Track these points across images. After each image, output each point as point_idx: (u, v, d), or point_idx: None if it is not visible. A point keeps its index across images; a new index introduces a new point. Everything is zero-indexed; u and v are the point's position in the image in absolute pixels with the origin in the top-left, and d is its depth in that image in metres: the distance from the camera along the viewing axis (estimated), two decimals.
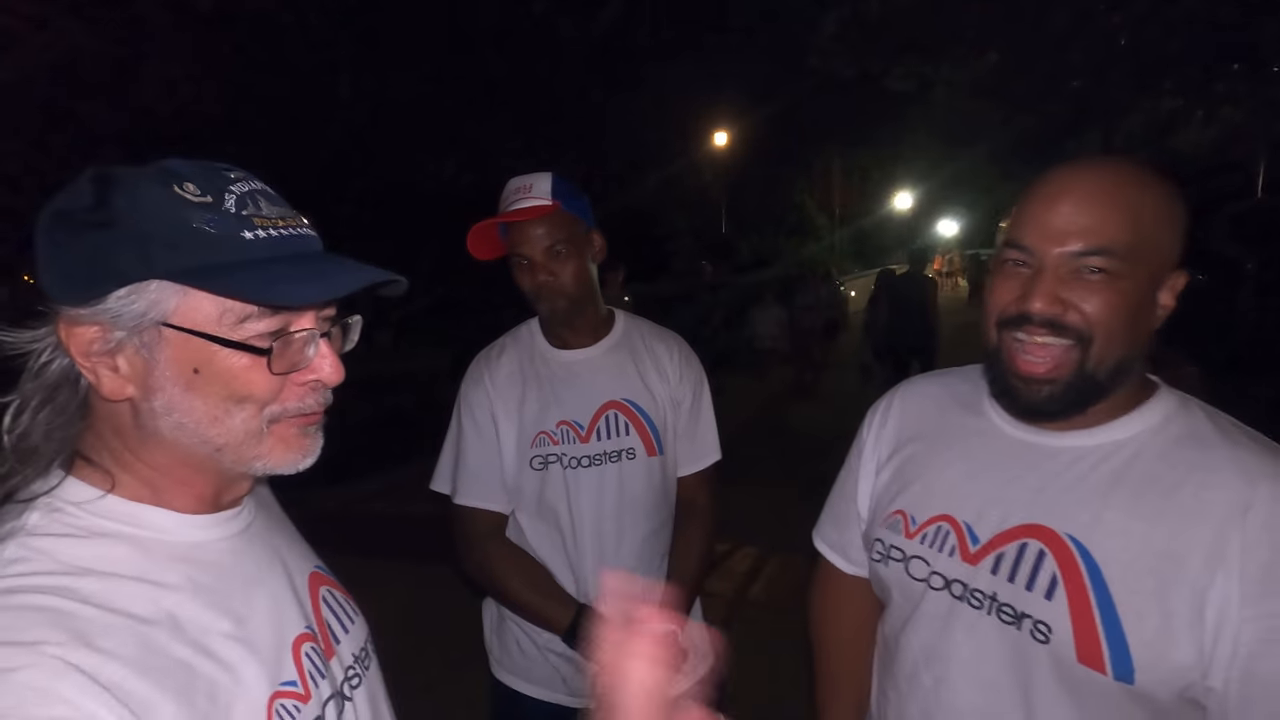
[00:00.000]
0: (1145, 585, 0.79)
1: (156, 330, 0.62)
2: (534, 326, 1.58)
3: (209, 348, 0.62)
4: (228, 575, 0.69)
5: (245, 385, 0.64)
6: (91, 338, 0.61)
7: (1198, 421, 0.86)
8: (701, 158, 16.77)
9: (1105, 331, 0.81)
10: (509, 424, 1.48)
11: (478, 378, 1.52)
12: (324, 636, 0.76)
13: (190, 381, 0.63)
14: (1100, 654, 0.79)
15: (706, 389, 1.63)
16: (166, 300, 0.61)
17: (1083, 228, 0.81)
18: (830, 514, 1.19)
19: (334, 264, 0.66)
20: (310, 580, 0.80)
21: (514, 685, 1.53)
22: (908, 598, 0.98)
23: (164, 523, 0.66)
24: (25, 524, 0.60)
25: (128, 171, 0.62)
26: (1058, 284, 0.82)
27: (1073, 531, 0.84)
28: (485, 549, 1.47)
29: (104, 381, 0.62)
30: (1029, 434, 0.92)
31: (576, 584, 1.47)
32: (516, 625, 1.51)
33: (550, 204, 1.41)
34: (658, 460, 1.51)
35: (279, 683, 0.67)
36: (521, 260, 1.45)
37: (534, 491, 1.47)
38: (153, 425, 0.64)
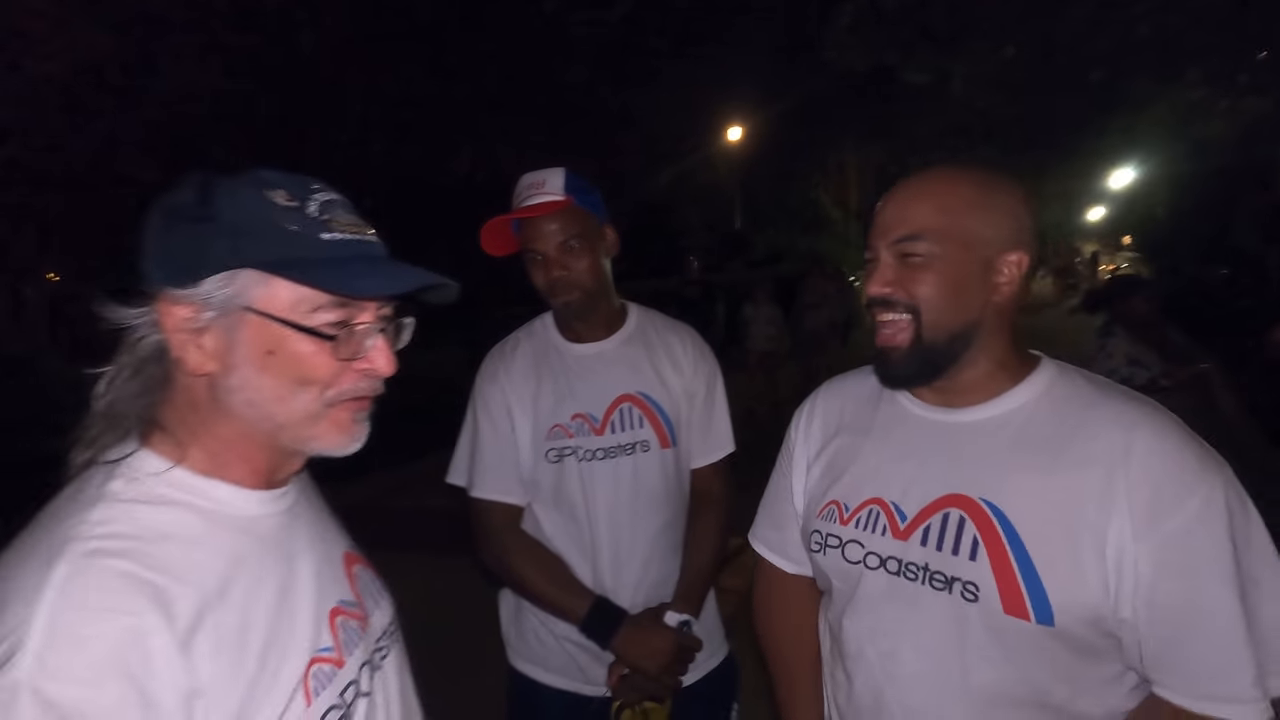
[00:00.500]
0: (1053, 534, 0.88)
1: (240, 314, 0.70)
2: (548, 321, 1.59)
3: (283, 332, 0.70)
4: (277, 548, 0.76)
5: (310, 369, 0.72)
6: (184, 316, 0.70)
7: (1078, 384, 0.97)
8: (716, 153, 16.71)
9: (929, 305, 0.94)
10: (524, 418, 1.49)
11: (492, 373, 1.53)
12: (362, 607, 0.84)
13: (263, 362, 0.71)
14: (1023, 603, 0.88)
15: (720, 381, 1.63)
16: (251, 287, 0.70)
17: (898, 220, 0.97)
18: (767, 516, 1.24)
19: (397, 266, 0.75)
20: (345, 558, 0.87)
21: (531, 674, 1.55)
22: (847, 581, 1.04)
23: (226, 495, 0.73)
24: (111, 489, 0.68)
25: (227, 178, 0.71)
26: (889, 270, 0.97)
27: (985, 495, 0.93)
28: (502, 541, 1.49)
29: (190, 356, 0.70)
30: (937, 414, 1.02)
31: (593, 575, 1.49)
32: (534, 615, 1.53)
33: (563, 199, 1.42)
34: (671, 452, 1.52)
35: (317, 649, 0.74)
36: (535, 256, 1.45)
37: (550, 484, 1.48)
38: (226, 400, 0.72)
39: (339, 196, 0.75)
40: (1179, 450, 0.87)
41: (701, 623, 1.51)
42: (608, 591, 1.48)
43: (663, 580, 1.52)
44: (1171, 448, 0.87)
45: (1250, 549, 0.84)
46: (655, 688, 1.43)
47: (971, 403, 0.99)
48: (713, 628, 1.58)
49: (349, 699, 0.75)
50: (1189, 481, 0.85)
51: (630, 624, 1.43)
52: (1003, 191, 0.97)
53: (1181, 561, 0.83)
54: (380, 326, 0.76)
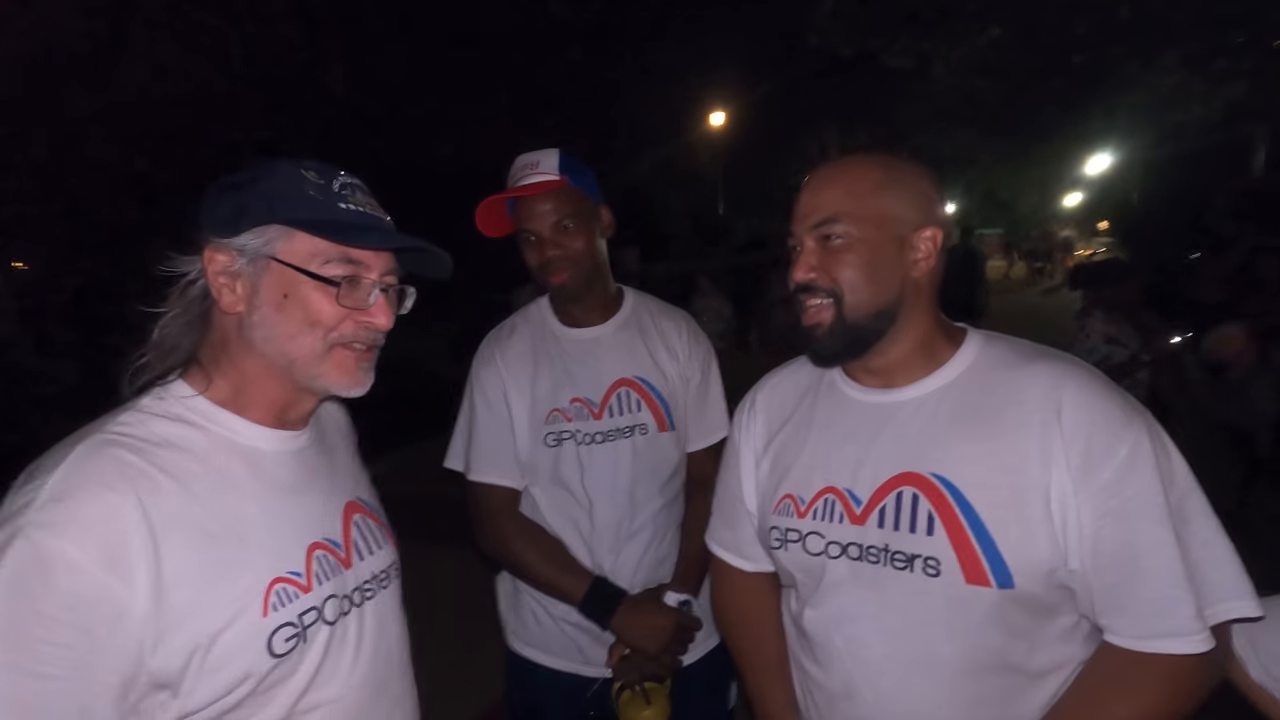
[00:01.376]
0: (1001, 498, 0.90)
1: (266, 261, 0.83)
2: (544, 305, 1.56)
3: (297, 278, 0.83)
4: (272, 479, 0.86)
5: (316, 311, 0.84)
6: (225, 261, 0.83)
7: (1003, 350, 1.00)
8: (698, 138, 16.64)
9: (851, 286, 0.97)
10: (521, 402, 1.47)
11: (489, 357, 1.51)
12: (346, 549, 0.92)
13: (280, 304, 0.83)
14: (983, 570, 0.90)
15: (715, 365, 1.62)
16: (277, 240, 0.83)
17: (814, 205, 1.00)
18: (720, 516, 1.23)
19: (398, 234, 0.89)
20: (347, 505, 0.95)
21: (530, 656, 1.53)
22: (809, 573, 1.04)
23: (237, 426, 0.86)
24: (142, 403, 0.83)
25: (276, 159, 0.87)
26: (812, 256, 0.99)
27: (934, 469, 0.95)
28: (500, 524, 1.47)
29: (224, 296, 0.83)
30: (876, 395, 1.03)
31: (591, 556, 1.47)
32: (532, 597, 1.51)
33: (558, 179, 1.40)
34: (669, 435, 1.51)
35: (285, 571, 0.82)
36: (529, 236, 1.43)
37: (548, 468, 1.46)
38: (249, 336, 0.84)
39: (359, 182, 0.90)
40: (1104, 402, 0.91)
41: (700, 602, 1.50)
42: (607, 572, 1.46)
43: (661, 561, 1.51)
44: (1097, 401, 0.91)
45: (1175, 486, 0.88)
46: (655, 667, 1.42)
47: (907, 381, 1.01)
48: (711, 608, 1.57)
49: (307, 622, 0.83)
50: (1116, 430, 0.88)
51: (630, 604, 1.41)
52: (909, 173, 1.01)
53: (1119, 507, 0.86)
54: (383, 285, 0.88)
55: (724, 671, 1.59)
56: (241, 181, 0.84)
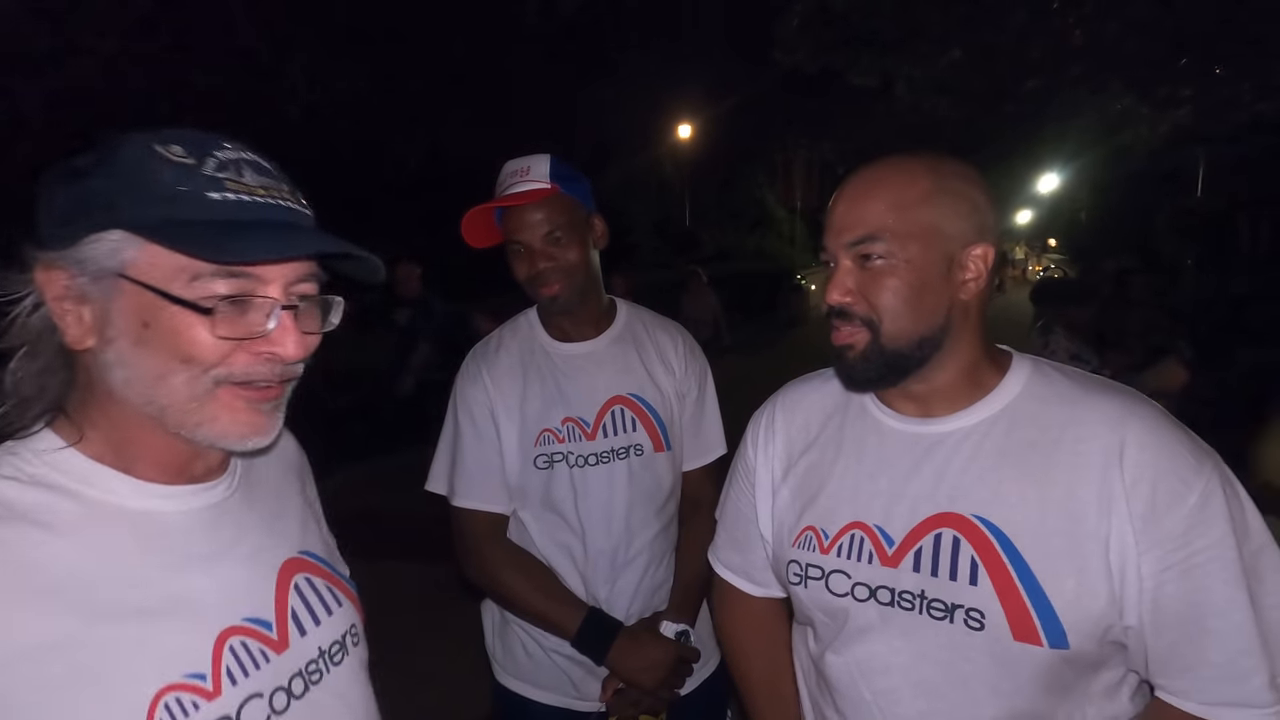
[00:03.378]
0: (1056, 547, 0.81)
1: (114, 280, 0.62)
2: (533, 318, 1.48)
3: (158, 303, 0.62)
4: (172, 552, 0.67)
5: (189, 344, 0.63)
6: (61, 282, 0.63)
7: (1056, 379, 0.90)
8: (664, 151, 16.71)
9: (891, 314, 0.86)
10: (510, 422, 1.39)
11: (475, 374, 1.43)
12: (281, 625, 0.73)
13: (140, 336, 0.63)
14: (1034, 627, 0.81)
15: (710, 381, 1.57)
16: (125, 251, 0.62)
17: (853, 219, 0.88)
18: (728, 537, 1.15)
19: (304, 234, 0.66)
20: (284, 566, 0.77)
21: (520, 690, 1.46)
22: (832, 615, 0.95)
23: (116, 485, 0.66)
24: None
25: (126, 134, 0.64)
26: (847, 277, 0.88)
27: (978, 511, 0.85)
28: (487, 552, 1.39)
29: (69, 327, 0.63)
30: (913, 425, 0.93)
31: (585, 586, 1.40)
32: (521, 628, 1.44)
33: (549, 187, 1.33)
34: (665, 456, 1.45)
35: (181, 674, 0.63)
36: (517, 247, 1.36)
37: (539, 491, 1.39)
38: (108, 378, 0.64)
39: (252, 157, 0.67)
40: (1173, 443, 0.82)
41: (697, 631, 1.45)
42: (601, 602, 1.40)
43: (657, 588, 1.45)
44: (1165, 441, 0.82)
45: (1250, 540, 0.80)
46: (651, 701, 1.36)
47: (948, 411, 0.91)
48: (707, 635, 1.52)
49: None
50: (1185, 475, 0.80)
51: (626, 636, 1.35)
52: (960, 178, 0.88)
53: (1185, 561, 0.78)
54: (288, 303, 0.67)
55: (720, 700, 1.54)
56: (82, 168, 0.62)
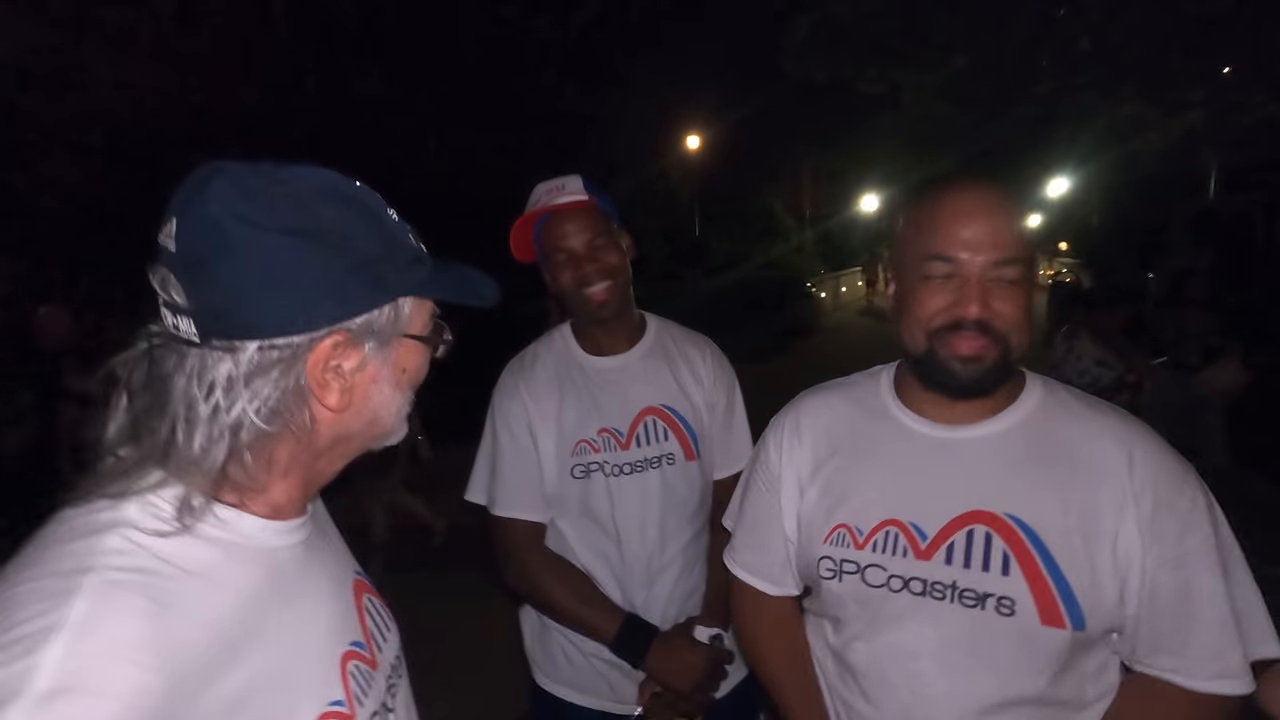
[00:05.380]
0: (1075, 542, 0.91)
1: (396, 340, 0.69)
2: (566, 333, 1.53)
3: (417, 348, 0.71)
4: (291, 586, 0.68)
5: (417, 374, 0.73)
6: (335, 357, 0.64)
7: (1066, 397, 1.02)
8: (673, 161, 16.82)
9: (1018, 331, 0.95)
10: (547, 434, 1.43)
11: (512, 388, 1.47)
12: (370, 648, 0.76)
13: (399, 381, 0.71)
14: (1059, 612, 0.91)
15: (738, 392, 1.60)
16: (410, 313, 0.69)
17: (999, 240, 0.93)
18: (746, 540, 1.19)
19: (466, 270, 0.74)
20: (355, 588, 0.80)
21: (559, 693, 1.48)
22: (866, 605, 1.01)
23: (246, 527, 0.65)
24: (125, 516, 0.59)
25: (339, 182, 0.66)
26: (989, 293, 0.93)
27: (1009, 510, 0.94)
28: (527, 559, 1.42)
29: (331, 395, 0.65)
30: (941, 430, 1.01)
31: (621, 591, 1.43)
32: (561, 633, 1.46)
33: (587, 199, 1.39)
34: (696, 465, 1.48)
35: (327, 702, 0.66)
36: (561, 255, 1.40)
37: (576, 500, 1.42)
38: (338, 428, 0.68)
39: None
40: (1168, 457, 0.95)
41: (729, 635, 1.47)
42: (637, 607, 1.42)
43: (690, 594, 1.48)
44: (1163, 456, 0.95)
45: (1222, 539, 0.92)
46: (687, 704, 1.38)
47: (974, 419, 1.00)
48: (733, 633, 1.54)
49: None
50: (1178, 485, 0.92)
51: (662, 641, 1.37)
52: (1023, 203, 1.01)
53: (1178, 556, 0.90)
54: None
55: (753, 703, 1.55)
56: (353, 244, 0.63)
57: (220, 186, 0.60)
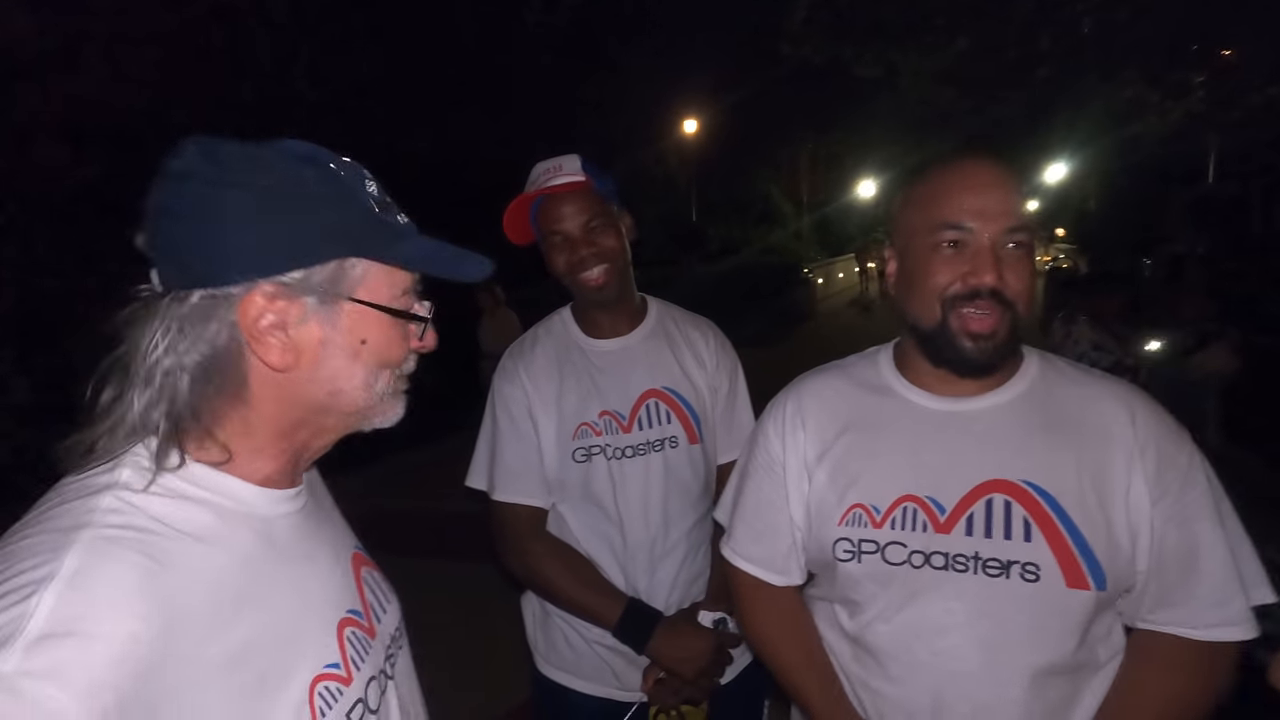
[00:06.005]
0: (1091, 502, 0.93)
1: (340, 303, 0.67)
2: (566, 316, 1.51)
3: (381, 319, 0.69)
4: (288, 552, 0.70)
5: (395, 352, 0.71)
6: (274, 309, 0.64)
7: (1062, 365, 1.05)
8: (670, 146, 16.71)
9: (1025, 299, 0.96)
10: (548, 417, 1.41)
11: (512, 372, 1.45)
12: (368, 617, 0.78)
13: (357, 351, 0.69)
14: (1083, 574, 0.92)
15: (741, 375, 1.58)
16: (356, 275, 0.67)
17: (1010, 208, 0.95)
18: (748, 530, 1.16)
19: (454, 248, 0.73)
20: (353, 560, 0.82)
21: (562, 680, 1.47)
22: (887, 585, 1.00)
23: (242, 493, 0.67)
24: (119, 478, 0.61)
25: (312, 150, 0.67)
26: (1001, 261, 0.94)
27: (1025, 477, 0.96)
28: (528, 545, 1.41)
29: (273, 352, 0.64)
30: (949, 404, 1.02)
31: (624, 576, 1.42)
32: (562, 620, 1.45)
33: (584, 179, 1.36)
34: (699, 448, 1.47)
35: (323, 665, 0.68)
36: (557, 238, 1.38)
37: (578, 484, 1.40)
38: (302, 393, 0.68)
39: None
40: (1165, 417, 0.99)
41: (734, 619, 1.46)
42: (641, 592, 1.41)
43: (695, 578, 1.47)
44: (1161, 415, 0.98)
45: (1214, 488, 0.96)
46: (692, 690, 1.38)
47: (978, 391, 1.01)
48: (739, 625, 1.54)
49: (356, 718, 0.69)
50: (1177, 442, 0.96)
51: (666, 626, 1.36)
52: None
53: (1181, 512, 0.93)
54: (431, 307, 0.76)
55: (758, 689, 1.55)
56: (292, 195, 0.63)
57: (191, 148, 0.63)
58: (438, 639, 2.66)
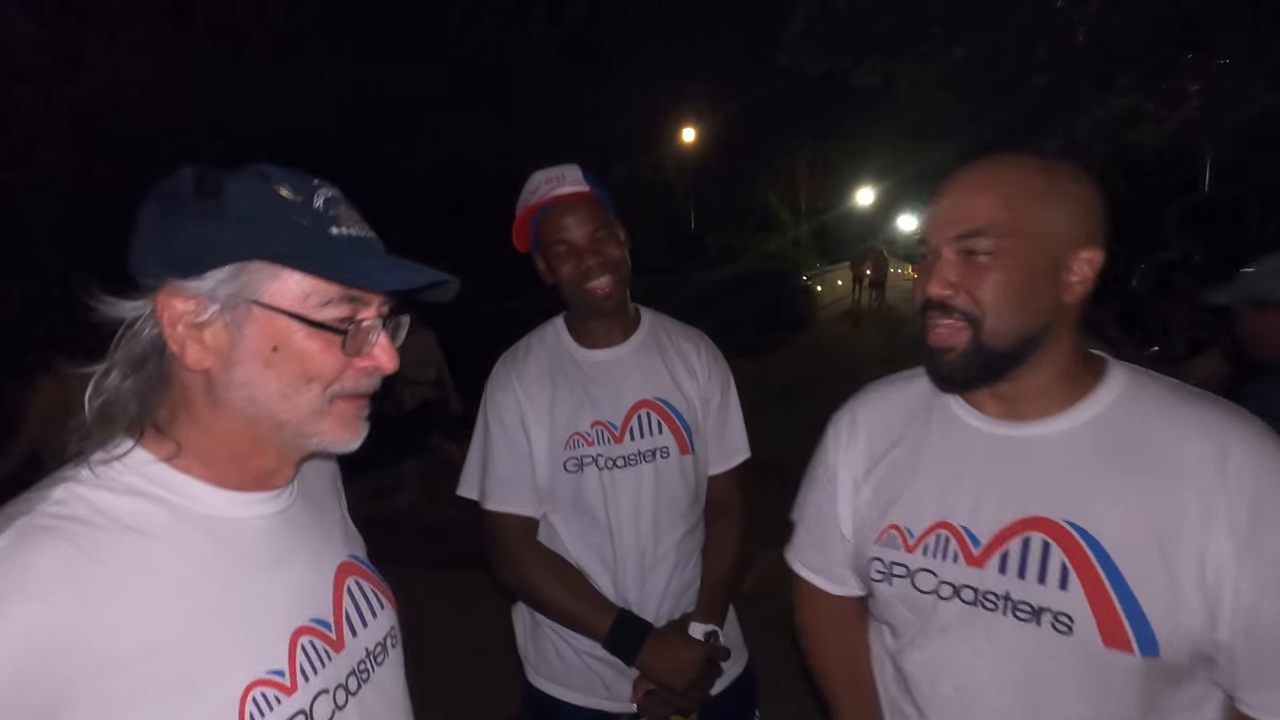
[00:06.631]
0: (1150, 555, 0.81)
1: (247, 308, 0.68)
2: (559, 326, 1.51)
3: (291, 326, 0.68)
4: (250, 555, 0.72)
5: (317, 365, 0.70)
6: (186, 310, 0.67)
7: (1155, 388, 0.89)
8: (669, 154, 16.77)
9: (994, 310, 0.86)
10: (539, 427, 1.42)
11: (505, 381, 1.45)
12: (338, 626, 0.78)
13: (269, 359, 0.69)
14: (1125, 634, 0.81)
15: (733, 386, 1.58)
16: (261, 280, 0.68)
17: (961, 213, 0.88)
18: (808, 537, 1.15)
19: (403, 262, 0.74)
20: (338, 570, 0.82)
21: (552, 692, 1.47)
22: (917, 612, 0.96)
23: (202, 494, 0.70)
24: (79, 473, 0.66)
25: (231, 171, 0.69)
26: (949, 269, 0.88)
27: (1071, 517, 0.85)
28: (519, 555, 1.41)
29: (189, 352, 0.67)
30: (1002, 427, 0.93)
31: (615, 587, 1.42)
32: (553, 631, 1.45)
33: (588, 189, 1.37)
34: (690, 459, 1.47)
35: (265, 670, 0.68)
36: (561, 247, 1.38)
37: (569, 493, 1.40)
38: (225, 398, 0.69)
39: (339, 193, 0.73)
40: (1275, 459, 0.81)
41: (724, 631, 1.46)
42: (631, 603, 1.41)
43: (685, 589, 1.46)
44: (1270, 456, 0.81)
45: None
46: (682, 702, 1.37)
47: (1039, 414, 0.90)
48: (734, 636, 1.53)
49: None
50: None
51: (656, 638, 1.36)
52: (1075, 181, 0.88)
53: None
54: (382, 323, 0.75)
55: (748, 700, 1.55)
56: (201, 203, 0.66)
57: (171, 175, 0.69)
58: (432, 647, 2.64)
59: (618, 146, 13.20)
